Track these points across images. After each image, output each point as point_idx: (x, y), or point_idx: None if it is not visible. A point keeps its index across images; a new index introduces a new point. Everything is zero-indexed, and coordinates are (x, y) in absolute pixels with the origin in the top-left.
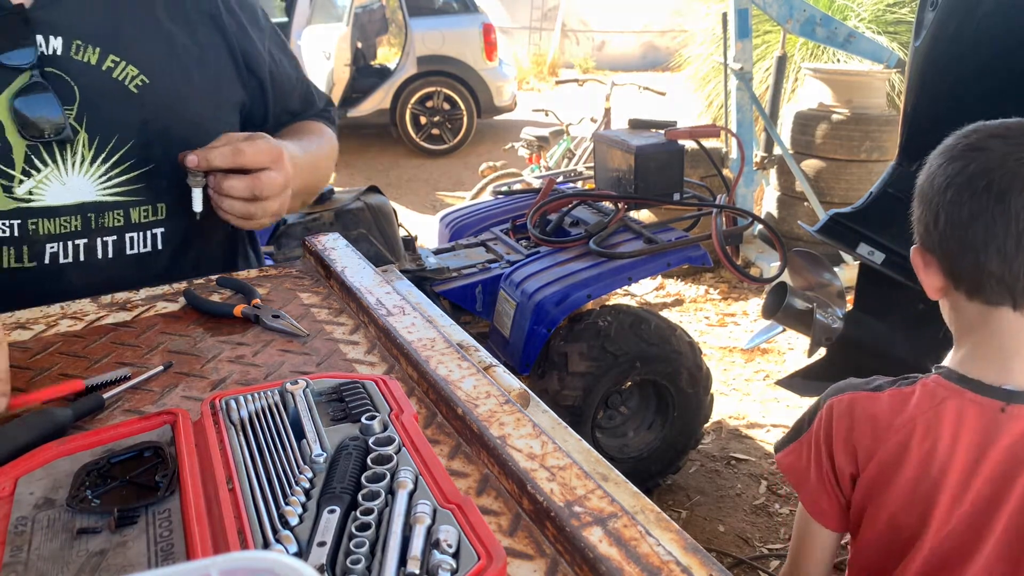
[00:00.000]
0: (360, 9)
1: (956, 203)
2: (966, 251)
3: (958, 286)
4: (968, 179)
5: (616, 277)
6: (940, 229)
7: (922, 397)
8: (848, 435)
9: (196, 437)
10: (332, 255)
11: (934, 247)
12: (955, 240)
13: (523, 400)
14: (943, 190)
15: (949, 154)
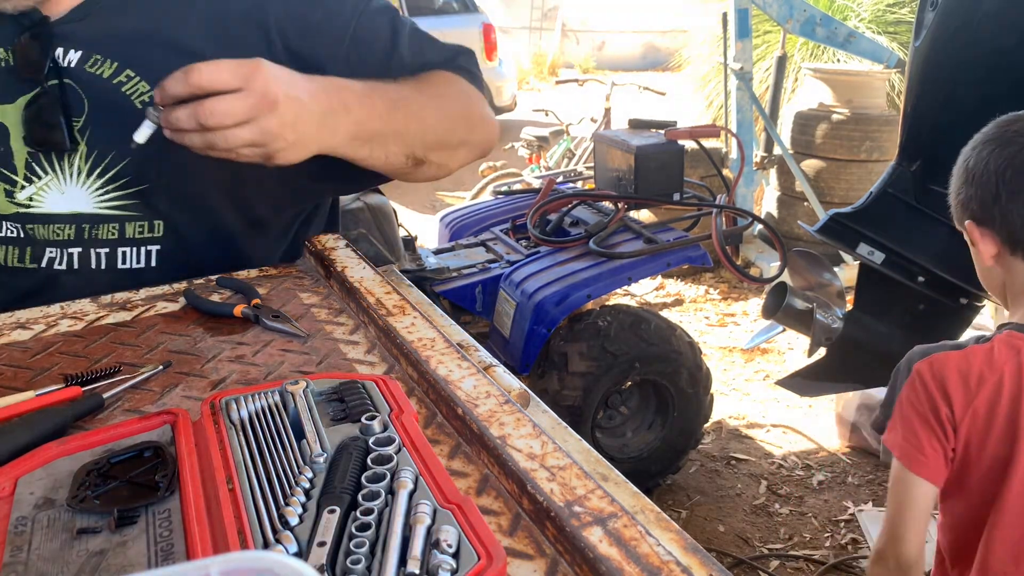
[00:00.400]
0: None
1: (1016, 181)
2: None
3: (1015, 251)
4: (1011, 157)
5: (616, 277)
6: (1002, 204)
7: (1001, 349)
8: (944, 390)
9: (196, 437)
10: (332, 255)
11: (993, 221)
12: (1017, 214)
13: (523, 400)
14: (1002, 171)
15: (1000, 140)
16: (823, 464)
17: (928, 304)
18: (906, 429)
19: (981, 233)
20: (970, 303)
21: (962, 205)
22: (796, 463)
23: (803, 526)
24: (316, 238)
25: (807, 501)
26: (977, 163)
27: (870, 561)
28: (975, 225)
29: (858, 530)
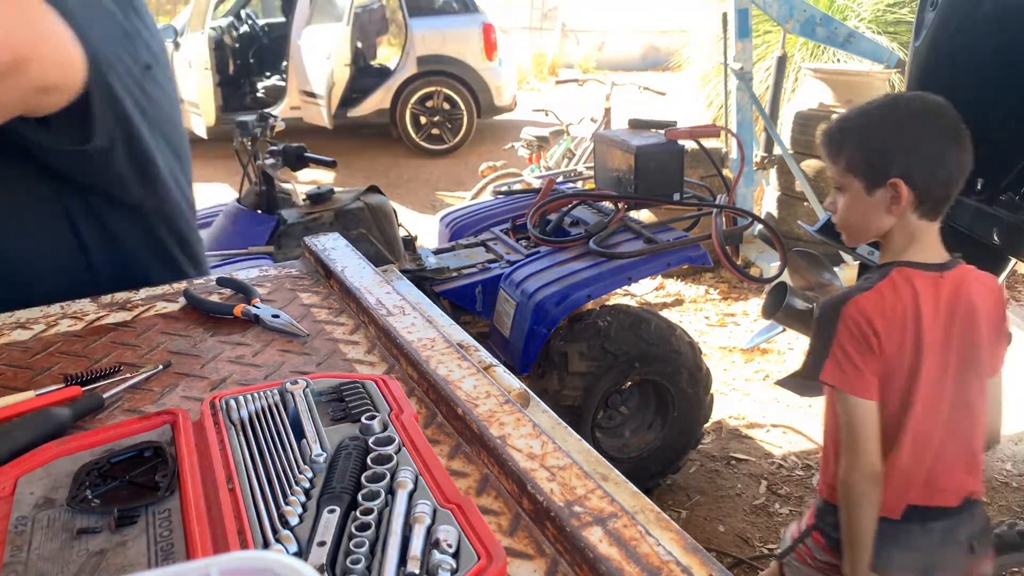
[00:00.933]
0: (360, 9)
1: (944, 149)
2: (943, 186)
3: (919, 208)
4: (950, 129)
5: (616, 277)
6: (928, 170)
7: (899, 281)
8: (872, 325)
9: (196, 437)
10: (332, 255)
11: (916, 183)
12: (939, 182)
13: (523, 400)
14: (932, 140)
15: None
16: None
17: None
18: (847, 364)
19: (904, 192)
20: None
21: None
22: (796, 463)
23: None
24: (316, 238)
25: (807, 501)
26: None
27: (841, 484)
28: (902, 184)
29: None
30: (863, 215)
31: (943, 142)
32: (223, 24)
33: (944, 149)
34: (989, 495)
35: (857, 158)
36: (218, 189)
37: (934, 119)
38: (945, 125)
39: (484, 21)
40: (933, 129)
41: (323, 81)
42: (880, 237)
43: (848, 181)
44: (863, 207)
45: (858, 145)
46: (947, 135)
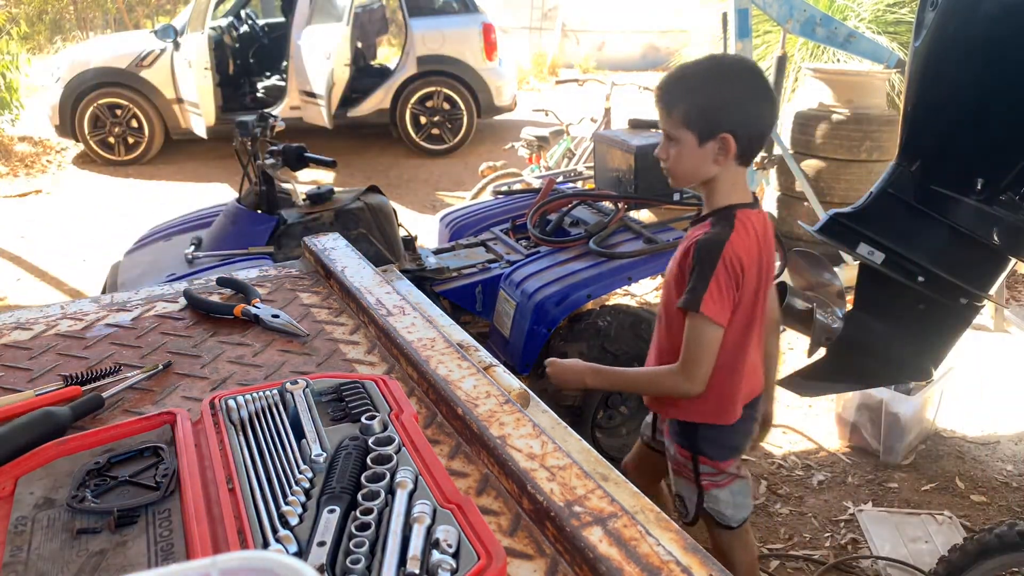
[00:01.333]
0: (360, 9)
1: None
2: (760, 139)
3: (739, 157)
4: (765, 89)
5: (616, 277)
6: (749, 120)
7: (745, 222)
8: (741, 263)
9: (196, 437)
10: (332, 255)
11: (740, 136)
12: (757, 136)
13: (523, 400)
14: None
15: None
16: (823, 464)
17: (928, 304)
18: (722, 298)
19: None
20: (970, 303)
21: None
22: (796, 463)
23: (803, 526)
24: (316, 238)
25: (807, 501)
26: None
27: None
28: (728, 138)
29: (858, 530)
30: (693, 164)
31: (761, 100)
32: (223, 24)
33: (762, 106)
34: (989, 495)
35: (692, 114)
36: (218, 189)
37: (754, 79)
38: (762, 84)
39: (484, 21)
40: (754, 88)
41: (323, 81)
42: (703, 182)
43: (681, 133)
44: (694, 156)
45: (693, 102)
46: (764, 94)
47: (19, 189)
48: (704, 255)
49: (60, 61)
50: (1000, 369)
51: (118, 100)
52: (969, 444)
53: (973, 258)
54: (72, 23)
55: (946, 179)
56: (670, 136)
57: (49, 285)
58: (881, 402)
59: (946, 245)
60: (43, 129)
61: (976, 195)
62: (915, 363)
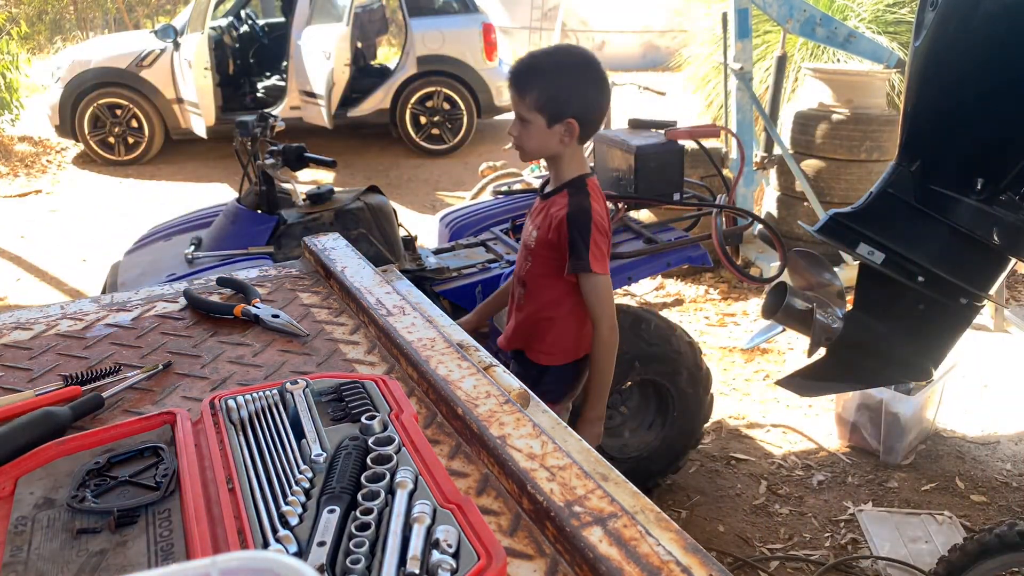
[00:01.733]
0: (360, 9)
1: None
2: (597, 123)
3: (579, 138)
4: (603, 80)
5: (616, 277)
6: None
7: (594, 188)
8: (606, 223)
9: (196, 437)
10: (332, 255)
11: (582, 121)
12: (595, 121)
13: (523, 400)
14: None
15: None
16: (823, 464)
17: (928, 304)
18: (602, 254)
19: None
20: (970, 303)
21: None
22: (796, 463)
23: (803, 526)
24: (316, 238)
25: (807, 501)
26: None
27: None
28: (573, 122)
29: (858, 530)
30: (542, 142)
31: (599, 90)
32: (223, 24)
33: (599, 95)
34: (989, 495)
35: (543, 99)
36: (218, 189)
37: (593, 70)
38: (601, 75)
39: (484, 21)
40: (594, 78)
41: (323, 81)
42: (549, 159)
43: (533, 116)
44: (543, 136)
45: (544, 88)
46: (602, 84)
47: (19, 189)
48: (578, 225)
49: (60, 61)
50: (1000, 369)
51: (118, 100)
52: (969, 444)
53: (973, 258)
54: (72, 23)
55: (946, 179)
56: (522, 117)
57: (49, 285)
58: (881, 402)
59: (946, 245)
60: (43, 129)
61: (976, 195)
62: (915, 363)
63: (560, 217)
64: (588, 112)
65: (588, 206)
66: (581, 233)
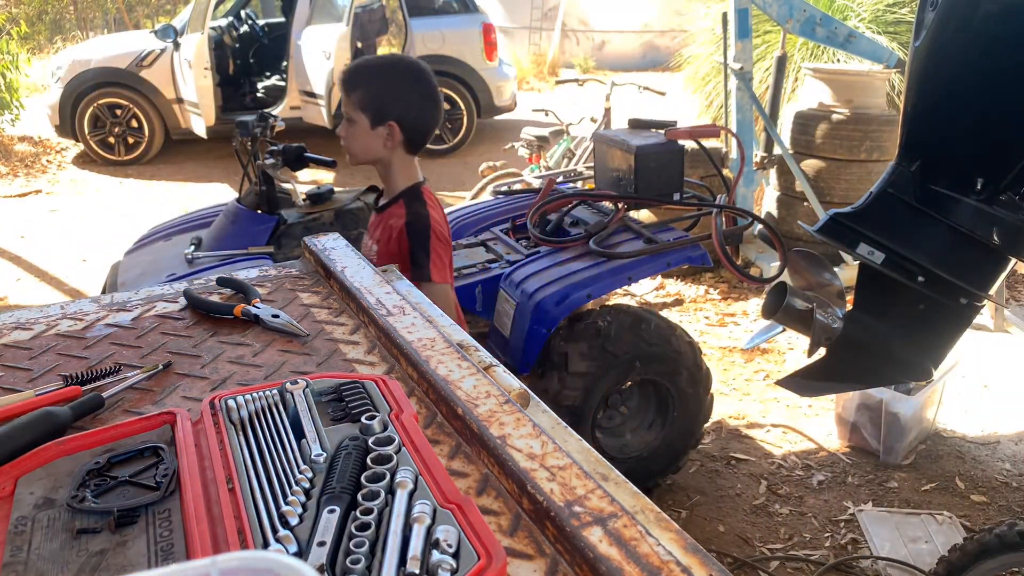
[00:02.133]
0: (360, 9)
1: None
2: (424, 134)
3: (406, 145)
4: (432, 91)
5: (616, 277)
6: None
7: (430, 196)
8: (445, 231)
9: (196, 437)
10: (332, 255)
11: (405, 127)
12: (421, 130)
13: (523, 400)
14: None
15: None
16: (823, 464)
17: (928, 304)
18: (443, 263)
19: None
20: (970, 303)
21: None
22: (796, 463)
23: (803, 526)
24: (316, 238)
25: (807, 501)
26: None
27: None
28: (396, 127)
29: (858, 530)
30: (365, 143)
31: (426, 100)
32: (223, 24)
33: (426, 105)
34: (989, 495)
35: (367, 100)
36: (218, 189)
37: (422, 81)
38: (429, 86)
39: (484, 21)
40: (421, 88)
41: (323, 81)
42: (383, 167)
43: (357, 116)
44: (367, 137)
45: (368, 89)
46: (429, 94)
47: (19, 189)
48: (417, 233)
49: (60, 61)
50: (1000, 369)
51: (118, 100)
52: (969, 444)
53: (973, 258)
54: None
55: (946, 179)
56: (349, 117)
57: (49, 285)
58: (881, 402)
59: (946, 245)
60: (43, 129)
61: (976, 195)
62: (915, 363)
63: (399, 227)
64: (413, 119)
65: (426, 214)
66: (420, 242)
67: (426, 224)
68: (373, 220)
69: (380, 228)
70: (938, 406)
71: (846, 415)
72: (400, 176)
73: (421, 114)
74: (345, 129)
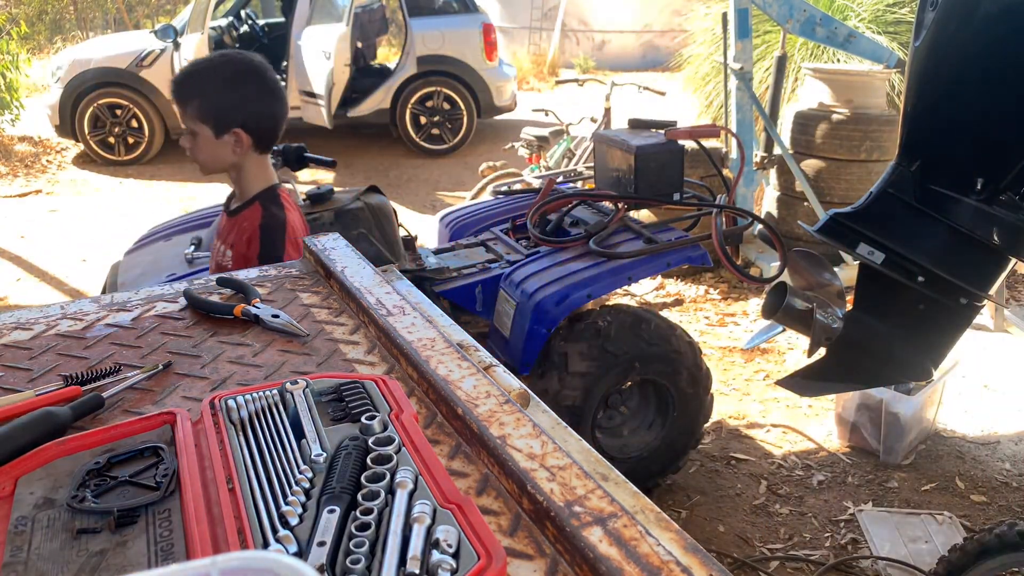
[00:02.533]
0: (360, 9)
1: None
2: (272, 131)
3: (256, 147)
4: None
5: (616, 277)
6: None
7: (287, 199)
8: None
9: (196, 437)
10: (332, 255)
11: (252, 130)
12: (268, 129)
13: (523, 400)
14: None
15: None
16: (823, 464)
17: (928, 304)
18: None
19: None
20: (970, 303)
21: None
22: (796, 463)
23: (803, 526)
24: (316, 238)
25: (807, 501)
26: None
27: None
28: (240, 132)
29: (858, 530)
30: (213, 154)
31: (267, 96)
32: (223, 24)
33: (269, 101)
34: (989, 495)
35: (205, 110)
36: (218, 189)
37: (258, 76)
38: (268, 81)
39: (484, 21)
40: (260, 85)
41: (323, 81)
42: (236, 171)
43: (199, 127)
44: (213, 147)
45: (204, 99)
46: (269, 90)
47: (19, 189)
48: (270, 238)
49: (60, 61)
50: (1000, 369)
51: (118, 100)
52: (969, 444)
53: (973, 258)
54: (72, 23)
55: (946, 179)
56: (190, 130)
57: (49, 285)
58: (881, 402)
59: (946, 245)
60: (43, 129)
61: (976, 195)
62: (915, 363)
63: (253, 229)
64: (257, 120)
65: (283, 217)
66: (274, 245)
67: (281, 226)
68: (225, 225)
69: (234, 232)
70: (938, 406)
71: (846, 415)
72: (254, 179)
73: (265, 112)
74: (189, 141)
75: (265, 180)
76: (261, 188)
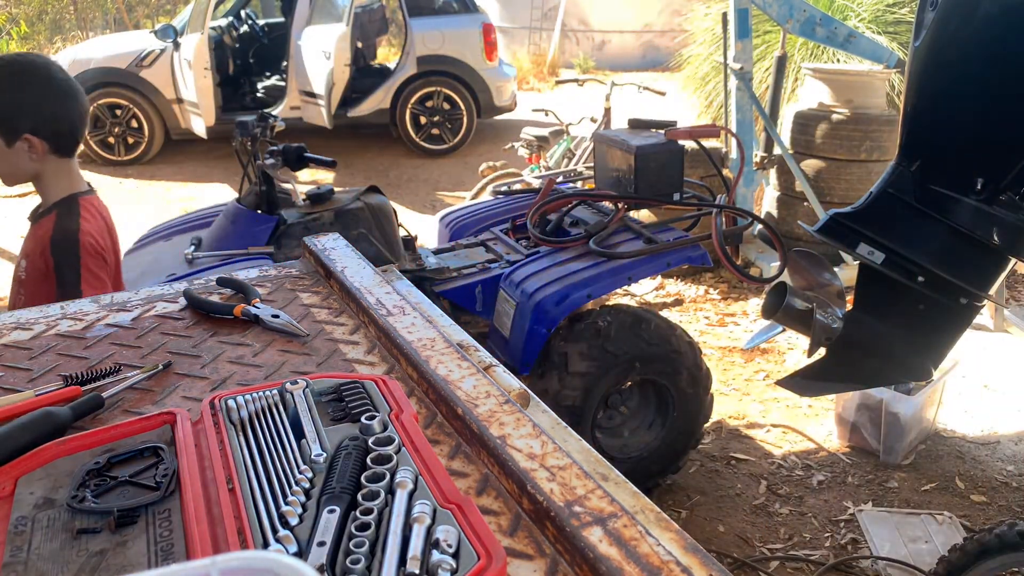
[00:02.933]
0: (360, 9)
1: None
2: (70, 134)
3: (55, 152)
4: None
5: (616, 277)
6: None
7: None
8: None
9: (196, 437)
10: (332, 255)
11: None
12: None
13: (523, 400)
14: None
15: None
16: (823, 464)
17: (928, 304)
18: (99, 281)
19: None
20: (970, 303)
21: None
22: (796, 463)
23: (803, 526)
24: (316, 238)
25: (807, 501)
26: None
27: None
28: (35, 140)
29: (858, 530)
30: (9, 165)
31: (56, 98)
32: (223, 24)
33: (59, 103)
34: (989, 495)
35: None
36: (218, 189)
37: (41, 77)
38: (56, 81)
39: (484, 21)
40: (46, 88)
41: (323, 81)
42: (37, 178)
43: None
44: (7, 158)
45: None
46: (58, 90)
47: (19, 189)
48: (63, 251)
49: (60, 61)
50: (1000, 369)
51: (118, 100)
52: (969, 444)
53: (973, 258)
54: (72, 23)
55: (946, 179)
56: None
57: None
58: (881, 402)
59: (946, 245)
60: None
61: (976, 195)
62: (915, 363)
63: (45, 244)
64: (51, 124)
65: (75, 229)
66: (68, 260)
67: (73, 240)
68: (28, 232)
69: (32, 241)
70: (938, 406)
71: (846, 415)
72: (55, 187)
73: (58, 114)
74: None
75: (67, 187)
76: (62, 196)
